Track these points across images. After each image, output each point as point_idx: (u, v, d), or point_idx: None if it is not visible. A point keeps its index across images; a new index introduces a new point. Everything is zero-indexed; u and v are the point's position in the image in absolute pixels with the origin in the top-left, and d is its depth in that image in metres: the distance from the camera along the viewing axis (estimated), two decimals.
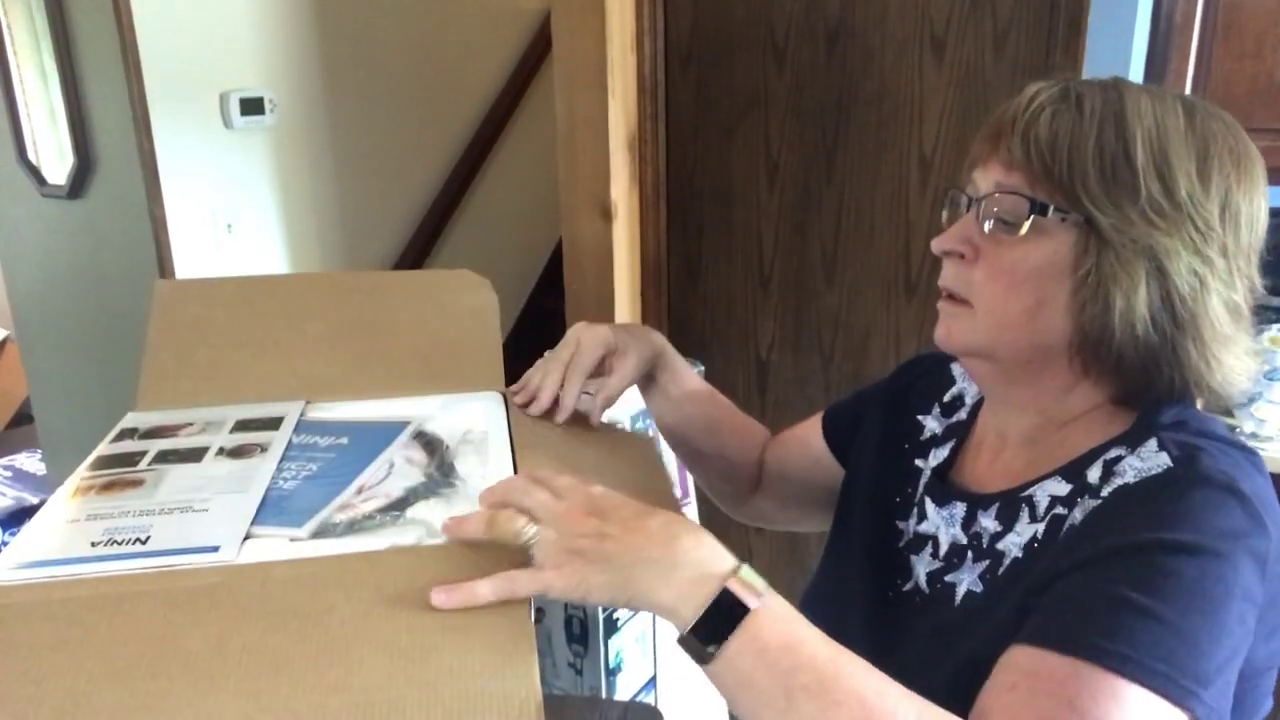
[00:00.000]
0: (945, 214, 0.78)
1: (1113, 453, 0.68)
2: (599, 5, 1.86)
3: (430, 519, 0.65)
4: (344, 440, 0.78)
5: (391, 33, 2.65)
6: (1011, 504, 0.74)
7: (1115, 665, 0.56)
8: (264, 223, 2.44)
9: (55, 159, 2.55)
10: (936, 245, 0.75)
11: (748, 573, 0.59)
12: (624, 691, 1.70)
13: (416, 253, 2.81)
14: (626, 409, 1.82)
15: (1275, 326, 1.67)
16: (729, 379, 2.08)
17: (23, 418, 3.81)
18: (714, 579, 0.58)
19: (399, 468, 0.74)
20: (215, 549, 0.62)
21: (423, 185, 2.84)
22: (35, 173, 2.61)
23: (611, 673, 1.64)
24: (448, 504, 0.68)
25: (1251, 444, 1.72)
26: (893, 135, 1.78)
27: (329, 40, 2.50)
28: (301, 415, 0.85)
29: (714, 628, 0.57)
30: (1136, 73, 1.68)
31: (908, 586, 0.81)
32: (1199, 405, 0.73)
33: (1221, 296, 0.68)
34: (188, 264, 2.27)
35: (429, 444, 0.78)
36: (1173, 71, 1.73)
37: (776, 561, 2.11)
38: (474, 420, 0.84)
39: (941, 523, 0.80)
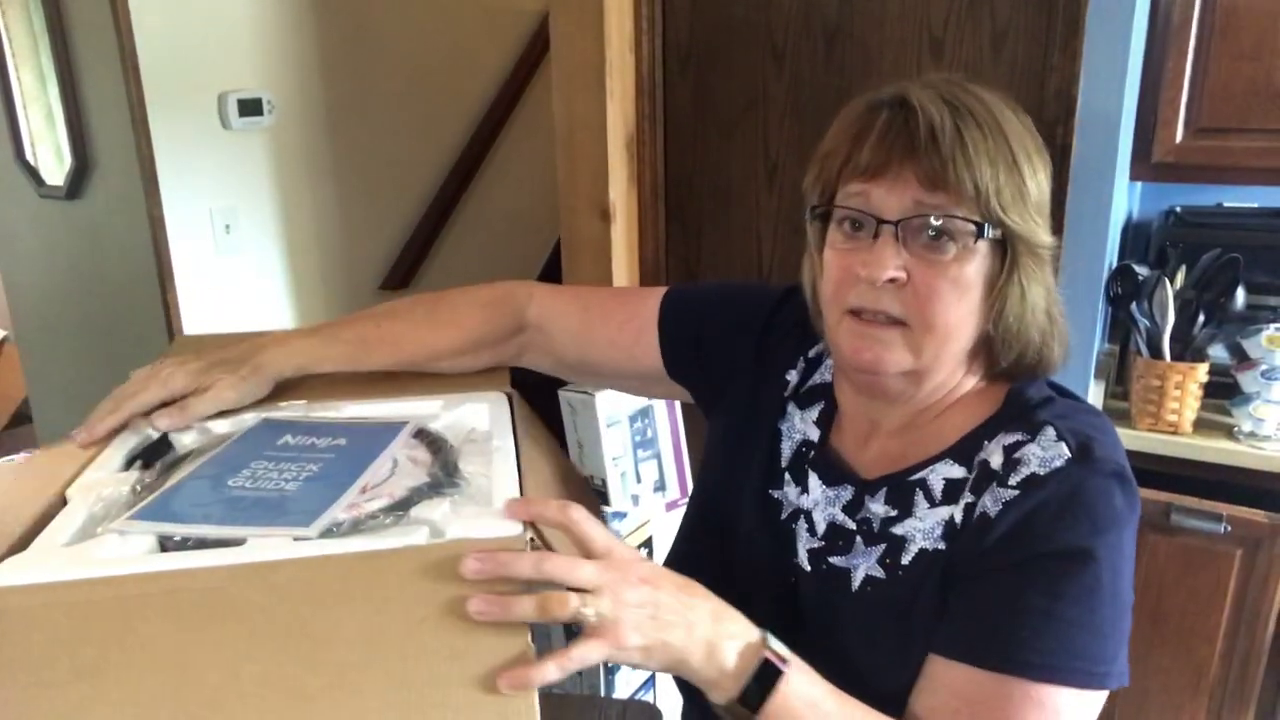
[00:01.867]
0: (839, 235, 0.75)
1: (1008, 438, 0.73)
2: (597, 6, 1.86)
3: (434, 519, 0.64)
4: (341, 440, 0.78)
5: (390, 33, 2.65)
6: (901, 488, 0.77)
7: (1042, 675, 0.66)
8: (262, 224, 2.44)
9: (53, 160, 2.55)
10: (873, 275, 0.71)
11: (774, 641, 0.67)
12: (623, 690, 1.70)
13: (415, 253, 2.81)
14: (625, 409, 1.82)
15: (1273, 326, 1.68)
16: None
17: (21, 418, 3.81)
18: (754, 649, 0.66)
19: (403, 467, 0.73)
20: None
21: (421, 186, 2.84)
22: (34, 174, 2.61)
23: (610, 671, 1.64)
24: (451, 504, 0.67)
25: (1250, 444, 1.72)
26: None
27: (327, 41, 2.50)
28: (302, 416, 0.85)
29: (753, 693, 0.65)
30: (1134, 74, 1.68)
31: (794, 561, 0.82)
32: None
33: (1053, 273, 0.76)
34: (186, 265, 2.27)
35: (433, 443, 0.78)
36: (1170, 73, 1.73)
37: None
38: (478, 420, 0.84)
39: (823, 500, 0.81)
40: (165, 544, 0.63)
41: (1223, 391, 1.74)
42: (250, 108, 2.31)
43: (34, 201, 2.61)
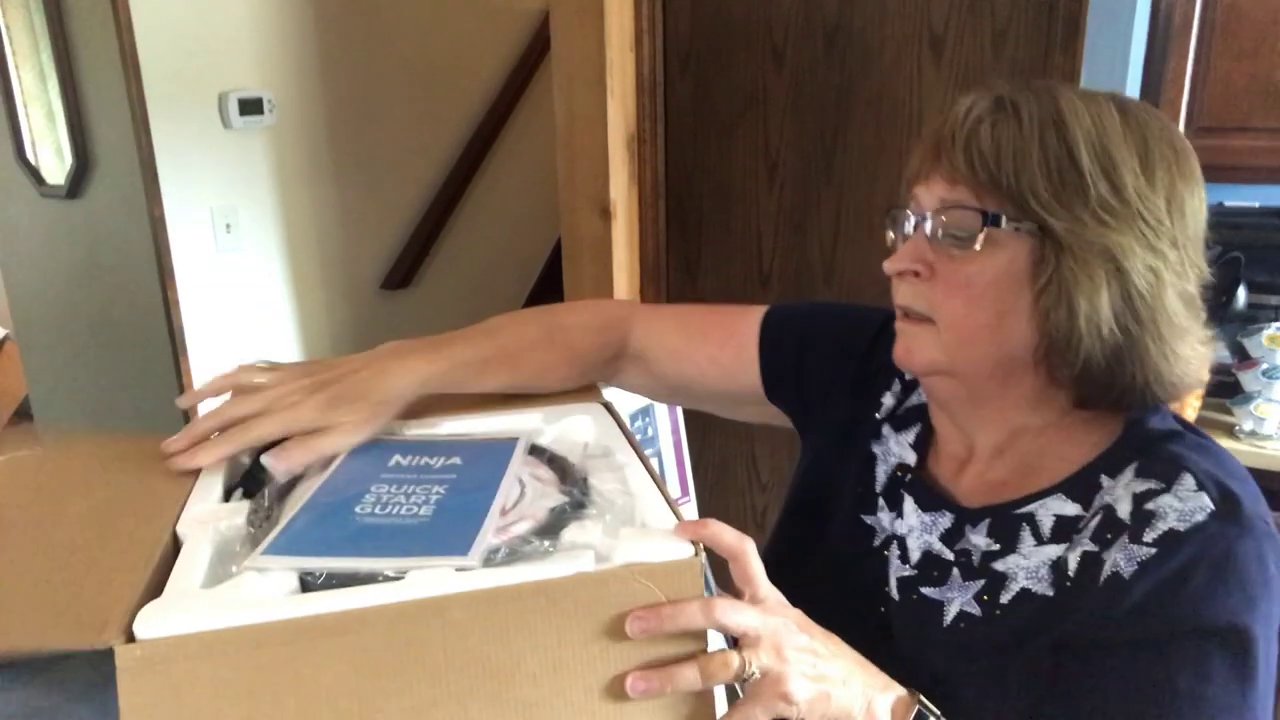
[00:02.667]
0: (890, 235, 0.76)
1: (1139, 485, 0.67)
2: (598, 5, 1.86)
3: (592, 542, 0.60)
4: (456, 459, 0.73)
5: (390, 33, 2.65)
6: (1006, 521, 0.72)
7: None
8: (263, 223, 2.44)
9: (54, 159, 2.55)
10: (890, 267, 0.73)
11: (921, 695, 0.64)
12: None
13: (416, 252, 2.81)
14: (626, 409, 1.82)
15: (1274, 325, 1.68)
16: None
17: (22, 416, 3.81)
18: (905, 703, 0.63)
19: (531, 486, 0.69)
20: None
21: (422, 185, 2.84)
22: (34, 173, 2.61)
23: None
24: (600, 525, 0.63)
25: (1251, 443, 1.72)
26: (891, 134, 1.78)
27: (328, 40, 2.50)
28: (400, 434, 0.80)
29: None
30: (1135, 73, 1.68)
31: (885, 589, 0.78)
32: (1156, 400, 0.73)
33: (1176, 289, 0.68)
34: (186, 264, 2.27)
35: (552, 460, 0.74)
36: (1171, 71, 1.73)
37: None
38: (586, 433, 0.80)
39: (918, 527, 0.77)
40: (306, 581, 0.58)
41: (1224, 390, 1.74)
42: (251, 107, 2.31)
43: (34, 200, 2.61)
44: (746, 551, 0.61)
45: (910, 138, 1.76)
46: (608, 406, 0.85)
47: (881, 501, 0.82)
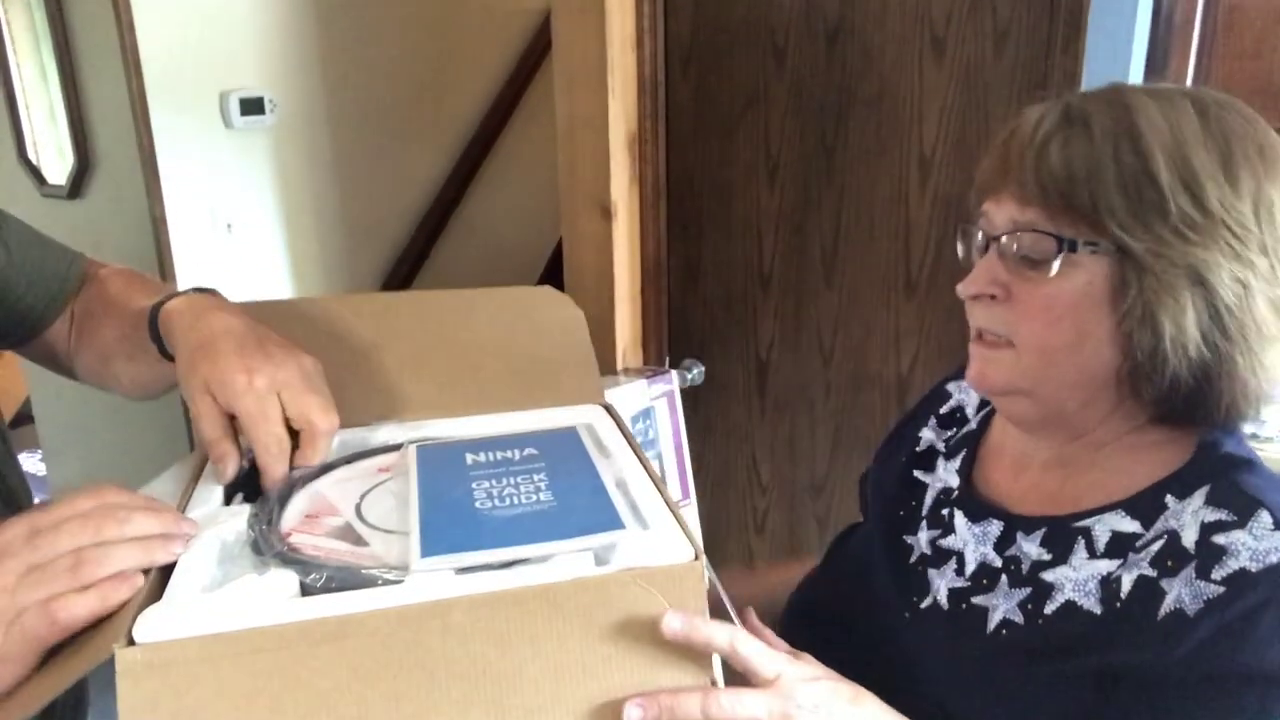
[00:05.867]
0: (960, 249, 0.75)
1: (1209, 513, 0.64)
2: (599, 5, 1.85)
3: (593, 545, 0.61)
4: (531, 449, 0.74)
5: (391, 32, 2.65)
6: (1062, 532, 0.71)
7: None
8: (264, 222, 2.44)
9: (55, 159, 2.55)
10: (964, 290, 0.72)
11: None
12: None
13: (416, 253, 2.81)
14: (627, 410, 1.82)
15: None
16: (729, 379, 2.08)
17: (23, 418, 3.81)
18: None
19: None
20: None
21: (423, 185, 2.84)
22: (35, 172, 2.61)
23: None
24: None
25: (1252, 444, 1.72)
26: (893, 135, 1.77)
27: (329, 40, 2.50)
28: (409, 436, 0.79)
29: None
30: (1136, 73, 1.68)
31: (925, 603, 0.78)
32: (1243, 415, 0.70)
33: (1267, 296, 0.65)
34: (187, 264, 2.27)
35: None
36: (1172, 71, 1.72)
37: (776, 563, 2.11)
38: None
39: (971, 539, 0.76)
40: (306, 585, 0.58)
41: None
42: (252, 106, 2.31)
43: (35, 200, 2.61)
44: (734, 642, 0.59)
45: (911, 138, 1.76)
46: (608, 408, 0.85)
47: (925, 523, 0.82)
